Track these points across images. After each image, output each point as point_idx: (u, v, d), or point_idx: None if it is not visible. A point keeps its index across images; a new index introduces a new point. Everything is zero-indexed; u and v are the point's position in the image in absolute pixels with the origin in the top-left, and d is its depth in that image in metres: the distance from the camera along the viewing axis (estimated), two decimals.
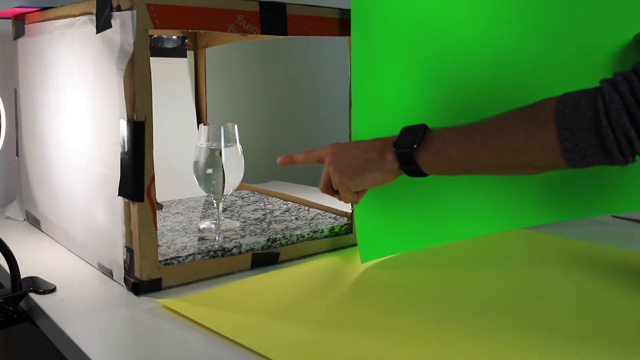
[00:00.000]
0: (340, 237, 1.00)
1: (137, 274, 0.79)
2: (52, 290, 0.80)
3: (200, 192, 1.20)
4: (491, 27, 1.01)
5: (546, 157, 0.68)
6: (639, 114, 0.62)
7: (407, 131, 0.79)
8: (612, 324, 0.72)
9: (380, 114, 0.94)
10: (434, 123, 0.82)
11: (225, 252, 0.89)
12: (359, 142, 0.84)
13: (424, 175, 0.79)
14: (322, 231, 0.99)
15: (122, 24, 0.77)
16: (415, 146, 0.76)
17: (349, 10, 0.94)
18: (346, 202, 0.89)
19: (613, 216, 1.19)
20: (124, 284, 0.82)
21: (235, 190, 1.09)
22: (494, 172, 0.77)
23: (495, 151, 0.72)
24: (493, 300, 0.79)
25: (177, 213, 1.12)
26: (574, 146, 0.66)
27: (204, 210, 1.16)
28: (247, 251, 0.91)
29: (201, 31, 0.98)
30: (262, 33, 0.86)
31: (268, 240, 0.93)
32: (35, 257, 0.93)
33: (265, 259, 0.91)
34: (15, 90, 1.14)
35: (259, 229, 1.00)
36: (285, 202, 1.20)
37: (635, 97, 0.62)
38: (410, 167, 0.78)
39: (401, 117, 0.93)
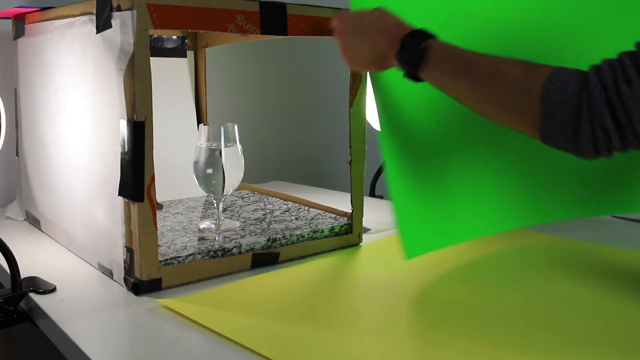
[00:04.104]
0: (340, 237, 1.00)
1: (137, 274, 0.79)
2: (52, 290, 0.80)
3: (200, 192, 1.20)
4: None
5: (523, 123, 0.70)
6: (619, 106, 0.63)
7: (409, 45, 0.79)
8: (611, 325, 0.72)
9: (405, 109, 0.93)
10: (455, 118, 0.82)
11: (225, 252, 0.89)
12: (367, 32, 0.84)
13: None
14: (322, 231, 0.99)
15: (122, 24, 0.77)
16: (415, 69, 0.79)
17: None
18: None
19: (613, 216, 1.19)
20: (124, 284, 0.82)
21: (235, 190, 1.09)
22: (477, 112, 0.78)
23: (483, 99, 0.74)
24: (493, 301, 0.79)
25: (177, 213, 1.12)
26: (550, 124, 0.67)
27: (204, 210, 1.16)
28: (247, 251, 0.91)
29: (201, 31, 0.98)
30: (262, 33, 0.86)
31: (268, 240, 0.93)
32: (35, 257, 0.93)
33: (265, 259, 0.91)
34: (15, 90, 1.14)
35: (259, 229, 1.00)
36: (285, 202, 1.20)
37: (617, 89, 0.63)
38: (410, 77, 0.82)
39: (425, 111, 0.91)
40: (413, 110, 0.94)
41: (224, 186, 0.98)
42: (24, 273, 0.81)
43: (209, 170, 0.97)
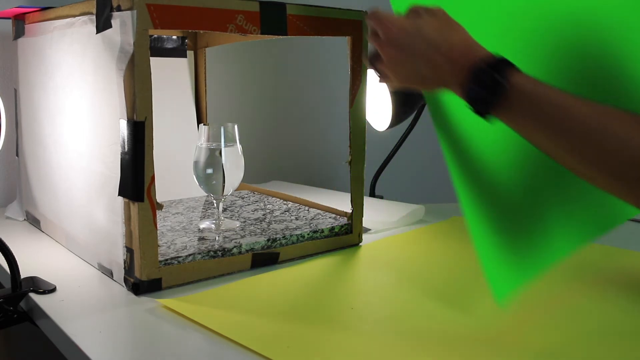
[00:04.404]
0: (340, 237, 1.00)
1: (137, 274, 0.79)
2: (52, 290, 0.80)
3: (200, 192, 1.20)
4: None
5: (631, 194, 0.59)
6: None
7: (484, 78, 0.63)
8: (610, 327, 0.72)
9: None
10: None
11: (225, 252, 0.89)
12: (424, 48, 0.67)
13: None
14: (322, 231, 0.99)
15: (122, 24, 0.77)
16: (488, 109, 0.64)
17: (349, 10, 0.94)
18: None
19: None
20: (124, 284, 0.82)
21: (235, 190, 1.09)
22: (564, 165, 0.63)
23: (578, 157, 0.61)
24: (491, 299, 0.79)
25: (177, 213, 1.12)
26: None
27: (204, 210, 1.16)
28: (247, 251, 0.91)
29: (201, 31, 0.98)
30: (262, 33, 0.86)
31: (268, 240, 0.93)
32: (35, 257, 0.93)
33: (265, 259, 0.91)
34: (15, 90, 1.14)
35: (259, 229, 1.00)
36: (285, 202, 1.20)
37: None
38: (475, 111, 0.66)
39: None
40: (480, 131, 0.77)
41: (224, 186, 0.98)
42: (24, 273, 0.81)
43: (209, 170, 0.97)
